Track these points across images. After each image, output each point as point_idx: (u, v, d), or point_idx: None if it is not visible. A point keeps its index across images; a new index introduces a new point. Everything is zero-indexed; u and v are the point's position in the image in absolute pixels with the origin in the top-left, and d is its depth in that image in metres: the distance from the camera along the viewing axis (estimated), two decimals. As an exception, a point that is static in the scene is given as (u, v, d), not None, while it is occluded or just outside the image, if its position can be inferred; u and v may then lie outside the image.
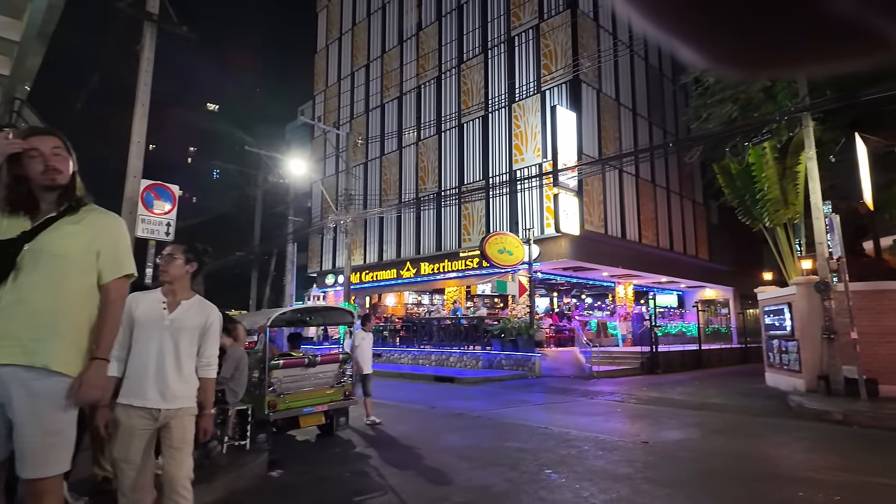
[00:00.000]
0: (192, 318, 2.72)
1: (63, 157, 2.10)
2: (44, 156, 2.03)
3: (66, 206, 2.11)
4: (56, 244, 2.03)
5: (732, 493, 4.46)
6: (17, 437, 1.91)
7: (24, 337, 1.92)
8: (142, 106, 6.98)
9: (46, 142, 2.06)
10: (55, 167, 2.05)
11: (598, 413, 8.58)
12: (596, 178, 18.74)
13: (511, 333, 15.64)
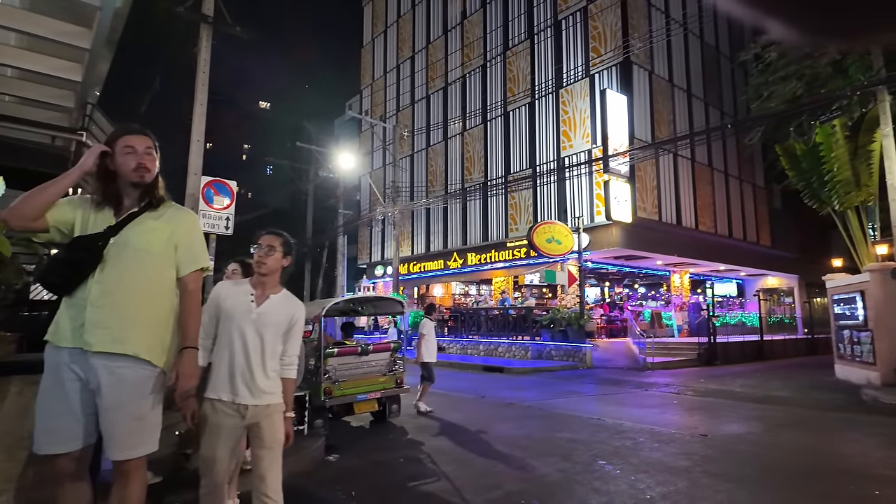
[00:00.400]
0: (279, 314, 2.59)
1: (153, 157, 2.23)
2: (137, 153, 2.16)
3: (147, 202, 2.24)
4: (139, 239, 2.16)
5: (799, 490, 4.25)
6: (105, 421, 2.06)
7: (113, 326, 2.06)
8: (200, 105, 7.29)
9: (141, 141, 2.20)
10: (145, 165, 2.18)
11: (652, 405, 8.37)
12: (649, 163, 18.12)
13: (561, 324, 15.44)
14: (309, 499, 3.87)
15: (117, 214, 2.19)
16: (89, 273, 2.08)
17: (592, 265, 19.48)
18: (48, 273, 2.10)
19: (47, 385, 2.06)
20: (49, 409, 2.03)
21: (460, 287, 26.77)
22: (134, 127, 2.24)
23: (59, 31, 5.20)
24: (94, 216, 2.16)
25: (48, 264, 2.13)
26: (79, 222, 2.14)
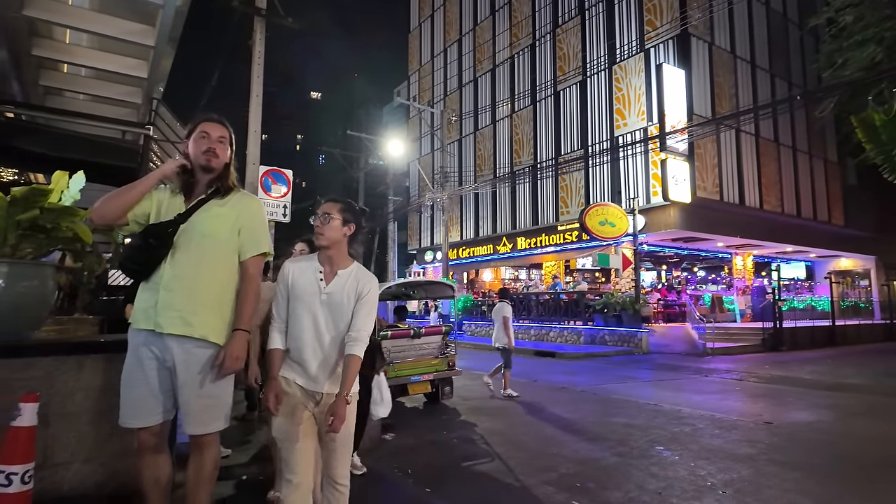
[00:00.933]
0: (350, 292, 2.33)
1: (224, 147, 2.34)
2: (209, 139, 2.29)
3: (215, 189, 2.34)
4: (205, 225, 2.27)
5: (872, 480, 4.01)
6: (181, 398, 2.20)
7: (183, 309, 2.18)
8: (256, 97, 7.52)
9: (216, 129, 2.33)
10: (215, 151, 2.30)
11: (713, 391, 8.07)
12: (709, 140, 17.25)
13: (615, 308, 15.09)
14: (368, 475, 3.99)
15: (187, 202, 2.31)
16: (162, 258, 2.21)
17: (648, 248, 18.86)
18: (126, 259, 2.25)
19: (129, 364, 2.21)
20: (131, 386, 2.19)
21: (510, 272, 26.62)
22: (213, 116, 2.37)
23: (126, 30, 5.48)
24: (168, 203, 2.29)
25: (126, 251, 2.28)
26: (154, 210, 2.28)
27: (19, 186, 2.87)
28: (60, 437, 2.87)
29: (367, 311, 2.33)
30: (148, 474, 2.24)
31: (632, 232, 15.74)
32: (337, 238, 2.33)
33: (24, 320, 3.03)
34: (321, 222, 2.33)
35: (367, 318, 2.33)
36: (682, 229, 16.52)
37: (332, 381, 2.29)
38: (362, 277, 2.38)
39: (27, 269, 3.02)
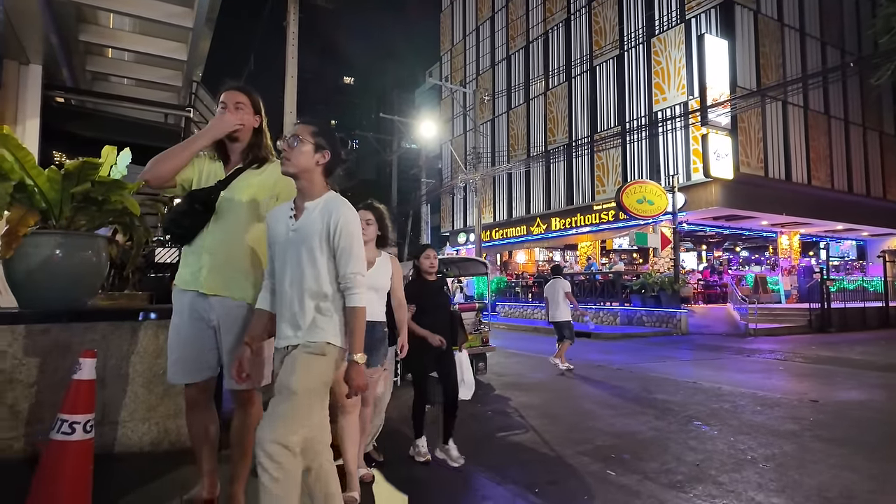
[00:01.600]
0: (316, 223, 1.98)
1: (243, 112, 2.32)
2: (227, 108, 2.29)
3: (251, 159, 2.40)
4: (243, 193, 2.34)
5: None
6: (224, 356, 2.30)
7: (224, 272, 2.28)
8: (291, 78, 7.63)
9: (231, 96, 2.31)
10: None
11: (755, 370, 7.86)
12: (754, 113, 16.53)
13: (653, 289, 14.79)
14: (405, 443, 4.08)
15: (226, 169, 2.38)
16: (205, 223, 2.29)
17: (688, 227, 18.33)
18: (171, 223, 2.34)
19: (175, 324, 2.32)
20: (177, 345, 2.29)
21: (544, 253, 26.39)
22: (229, 84, 2.37)
23: (166, 13, 5.63)
24: (208, 170, 2.36)
25: (171, 216, 2.36)
26: (196, 177, 2.36)
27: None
28: (117, 397, 3.05)
29: (348, 249, 1.97)
30: (196, 430, 2.34)
31: (671, 210, 15.32)
32: (306, 165, 2.01)
33: (82, 288, 3.21)
34: (288, 145, 2.00)
35: (351, 257, 1.97)
36: (724, 207, 15.97)
37: (299, 334, 1.94)
38: (333, 206, 2.00)
39: (82, 240, 3.19)
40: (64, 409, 2.08)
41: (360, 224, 2.40)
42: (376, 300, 3.06)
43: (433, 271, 3.80)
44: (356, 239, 2.01)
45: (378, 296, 3.08)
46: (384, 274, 3.14)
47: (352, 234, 1.99)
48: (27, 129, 5.56)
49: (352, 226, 2.01)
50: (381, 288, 3.10)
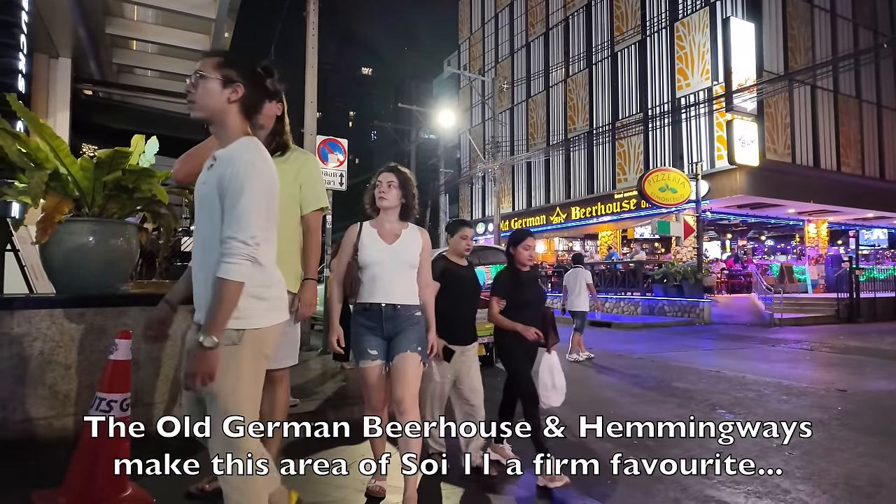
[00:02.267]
0: (218, 176, 1.63)
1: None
2: None
3: (274, 146, 2.44)
4: None
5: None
6: None
7: None
8: (311, 68, 7.65)
9: None
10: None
11: (780, 360, 7.73)
12: (781, 98, 16.11)
13: (675, 278, 14.59)
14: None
15: None
16: None
17: (712, 215, 18.01)
18: None
19: None
20: None
21: (563, 243, 26.21)
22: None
23: (190, 4, 5.71)
24: None
25: None
26: None
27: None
28: (150, 379, 3.15)
29: (233, 204, 1.57)
30: (265, 407, 2.33)
31: (694, 198, 15.05)
32: (213, 105, 1.66)
33: (114, 274, 3.31)
34: (191, 85, 1.68)
35: (234, 214, 1.56)
36: (749, 195, 15.64)
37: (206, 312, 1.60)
38: (234, 152, 1.64)
39: (115, 227, 3.29)
40: (101, 387, 2.16)
41: (380, 187, 2.52)
42: (407, 278, 2.52)
43: (531, 263, 3.34)
44: (249, 193, 1.57)
45: (409, 274, 2.55)
46: (413, 247, 2.54)
47: (241, 186, 1.57)
48: (58, 121, 5.71)
49: (244, 176, 1.58)
50: (412, 264, 2.54)
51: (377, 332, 2.46)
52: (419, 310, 2.54)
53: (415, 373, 2.40)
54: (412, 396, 2.37)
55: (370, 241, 2.51)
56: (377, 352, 2.45)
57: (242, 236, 1.55)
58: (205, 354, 1.50)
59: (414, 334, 2.46)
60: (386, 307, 2.45)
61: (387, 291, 2.46)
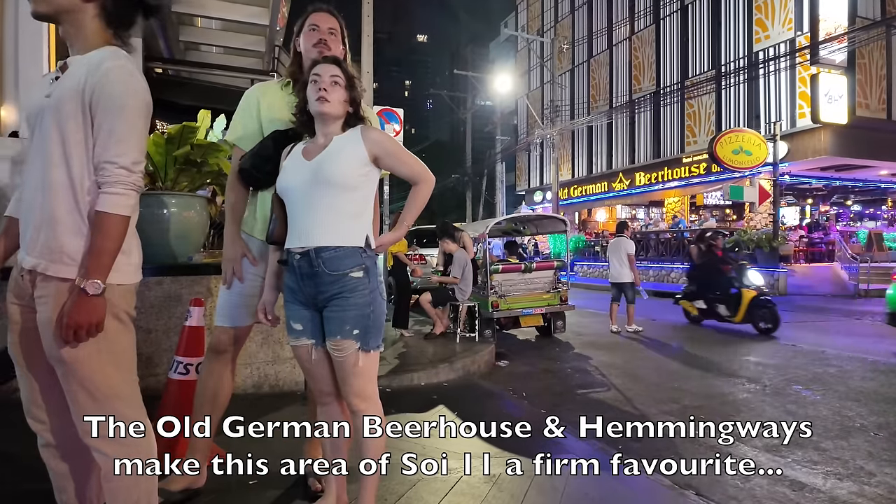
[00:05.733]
0: (72, 83, 1.34)
1: (336, 40, 2.04)
2: (320, 30, 2.01)
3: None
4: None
5: None
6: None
7: None
8: (367, 37, 7.61)
9: (325, 19, 2.04)
10: (326, 42, 2.00)
11: (865, 334, 7.18)
12: (875, 48, 14.52)
13: (748, 247, 13.75)
14: (485, 395, 4.17)
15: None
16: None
17: (791, 179, 16.72)
18: (253, 168, 1.97)
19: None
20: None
21: (626, 210, 25.25)
22: (321, 6, 2.09)
23: (248, -22, 5.77)
24: (282, 102, 2.02)
25: (252, 159, 1.96)
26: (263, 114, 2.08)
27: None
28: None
29: (114, 120, 1.32)
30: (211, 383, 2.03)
31: (771, 161, 13.99)
32: (64, 2, 1.37)
33: (188, 244, 3.49)
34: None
35: (116, 133, 1.32)
36: (835, 156, 14.38)
37: (40, 252, 1.34)
38: (99, 59, 1.34)
39: (186, 199, 3.44)
40: (179, 351, 2.30)
41: (319, 83, 1.68)
42: (334, 207, 1.67)
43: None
44: (132, 111, 1.33)
45: (338, 200, 1.67)
46: (345, 157, 1.69)
47: (122, 101, 1.32)
48: (133, 99, 6.03)
49: (125, 88, 1.32)
50: (342, 184, 1.67)
51: (298, 296, 1.71)
52: (365, 260, 1.68)
53: (356, 369, 1.66)
54: (360, 395, 1.69)
55: (289, 162, 1.76)
56: (302, 326, 1.72)
57: (124, 161, 1.31)
58: (90, 302, 1.28)
59: (351, 308, 1.64)
60: (300, 258, 1.65)
61: (300, 231, 1.67)
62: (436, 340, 5.75)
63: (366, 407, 1.69)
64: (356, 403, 1.70)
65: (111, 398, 1.39)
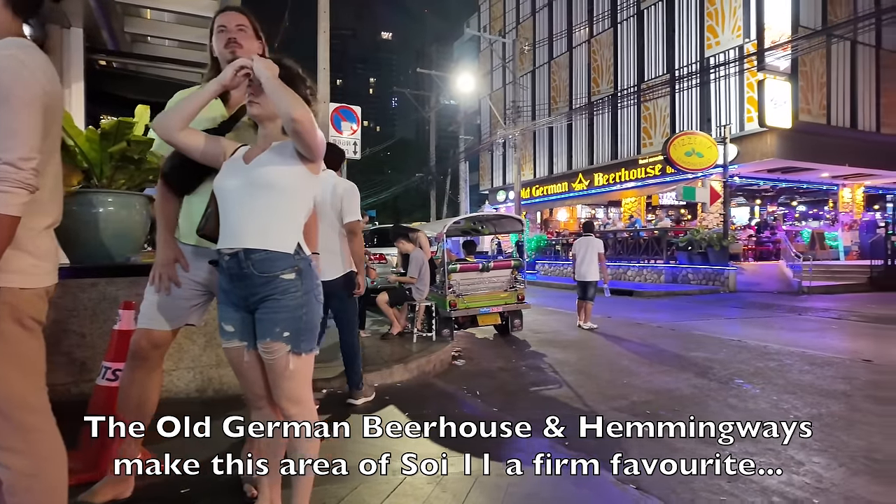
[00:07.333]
0: None
1: (246, 35, 2.03)
2: (228, 30, 2.00)
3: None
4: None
5: None
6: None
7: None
8: (324, 33, 7.50)
9: (232, 18, 2.03)
10: (236, 40, 1.99)
11: (806, 329, 7.54)
12: (817, 56, 15.26)
13: (700, 245, 14.25)
14: (439, 394, 4.16)
15: (229, 108, 2.06)
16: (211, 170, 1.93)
17: (740, 180, 17.40)
18: (173, 171, 1.99)
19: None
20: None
21: (586, 210, 25.76)
22: (227, 6, 2.12)
23: (196, -32, 5.58)
24: (205, 111, 1.92)
25: (172, 162, 1.98)
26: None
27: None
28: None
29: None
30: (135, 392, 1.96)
31: (722, 163, 14.53)
32: None
33: (126, 244, 3.34)
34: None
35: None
36: (781, 158, 15.04)
37: None
38: None
39: (123, 198, 3.30)
40: (108, 357, 2.20)
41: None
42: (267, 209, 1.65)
43: None
44: (18, 102, 1.25)
45: (271, 202, 1.65)
46: (280, 162, 1.68)
47: (6, 91, 1.25)
48: (73, 92, 5.72)
49: (11, 77, 1.25)
50: (276, 186, 1.65)
51: (231, 297, 1.68)
52: (298, 262, 1.66)
53: (287, 372, 1.63)
54: (291, 399, 1.66)
55: (228, 163, 1.75)
56: (233, 328, 1.69)
57: (10, 157, 1.22)
58: None
59: (282, 310, 1.62)
60: (230, 259, 1.62)
61: (230, 232, 1.64)
62: (393, 340, 5.71)
63: (297, 412, 1.67)
64: (287, 407, 1.68)
65: (17, 408, 1.31)
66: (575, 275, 7.89)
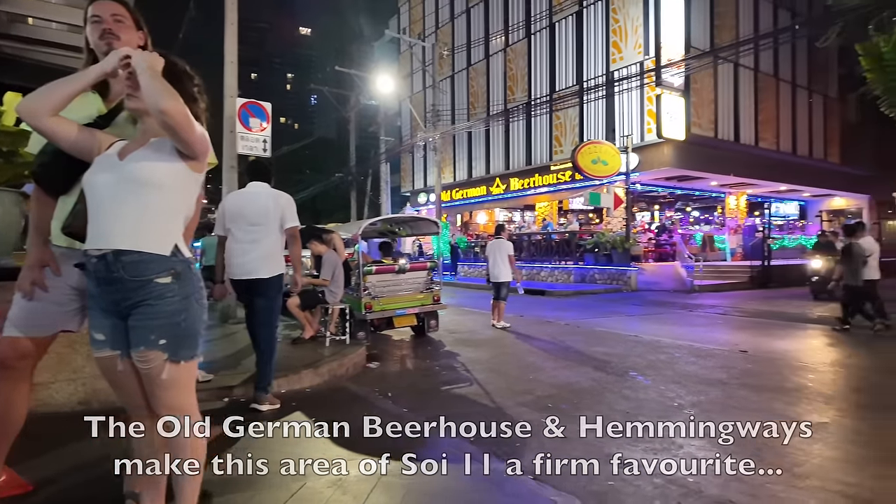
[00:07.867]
0: None
1: (124, 27, 1.91)
2: (103, 20, 1.87)
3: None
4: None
5: (852, 400, 4.16)
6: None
7: None
8: (231, 25, 7.18)
9: (106, 7, 1.89)
10: (112, 31, 1.87)
11: (695, 324, 8.26)
12: (706, 75, 16.78)
13: (605, 248, 15.17)
14: (349, 398, 4.13)
15: (107, 103, 1.95)
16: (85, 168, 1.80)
17: (641, 187, 18.75)
18: (42, 169, 1.90)
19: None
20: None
21: (504, 213, 26.54)
22: None
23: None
24: (79, 102, 1.79)
25: (42, 159, 1.90)
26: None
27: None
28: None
29: None
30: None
31: (625, 170, 15.59)
32: None
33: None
34: None
35: None
36: (676, 167, 16.37)
37: None
38: None
39: (-11, 194, 2.98)
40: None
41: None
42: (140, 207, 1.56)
43: None
44: None
45: (146, 199, 1.56)
46: (158, 158, 1.60)
47: None
48: (-68, 74, 5.07)
49: None
50: (154, 183, 1.57)
51: (100, 302, 1.58)
52: (175, 265, 1.57)
53: (164, 381, 1.55)
54: (171, 409, 1.59)
55: (100, 158, 1.65)
56: (104, 336, 1.59)
57: None
58: None
59: (158, 317, 1.53)
60: (97, 262, 1.52)
61: (98, 232, 1.54)
62: (304, 345, 5.57)
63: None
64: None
65: None
66: (489, 276, 8.13)
